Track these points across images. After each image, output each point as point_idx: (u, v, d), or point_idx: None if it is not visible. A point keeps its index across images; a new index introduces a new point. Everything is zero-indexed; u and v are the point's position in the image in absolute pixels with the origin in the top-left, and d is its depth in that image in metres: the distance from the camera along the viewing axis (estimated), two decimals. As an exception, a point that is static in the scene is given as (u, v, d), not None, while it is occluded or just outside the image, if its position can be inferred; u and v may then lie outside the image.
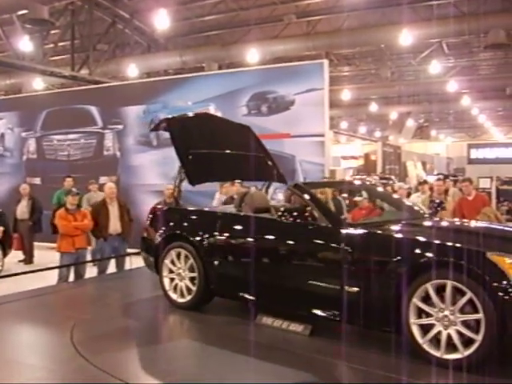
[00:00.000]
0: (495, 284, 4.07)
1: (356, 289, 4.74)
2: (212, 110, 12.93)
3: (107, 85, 17.06)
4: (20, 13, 16.31)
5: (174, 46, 21.15)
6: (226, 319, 5.95)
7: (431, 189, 10.16)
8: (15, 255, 12.61)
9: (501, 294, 4.04)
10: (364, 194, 9.01)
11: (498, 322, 4.01)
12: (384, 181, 24.08)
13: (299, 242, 5.37)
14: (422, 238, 4.74)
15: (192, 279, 6.14)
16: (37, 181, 15.51)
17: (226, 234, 6.04)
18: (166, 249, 6.40)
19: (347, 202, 10.51)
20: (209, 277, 5.99)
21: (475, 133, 47.81)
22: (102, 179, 13.41)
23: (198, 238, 6.10)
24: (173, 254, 6.33)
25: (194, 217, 6.64)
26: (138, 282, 8.83)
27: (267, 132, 12.11)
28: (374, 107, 29.41)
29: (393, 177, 29.17)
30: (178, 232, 6.41)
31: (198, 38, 21.28)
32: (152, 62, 20.41)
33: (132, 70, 19.72)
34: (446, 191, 10.02)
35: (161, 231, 6.62)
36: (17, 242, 12.78)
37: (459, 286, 4.20)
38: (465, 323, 4.20)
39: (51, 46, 19.61)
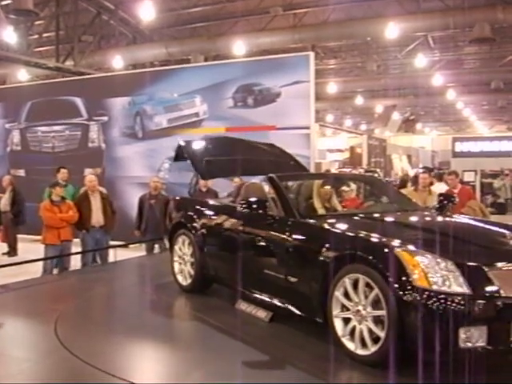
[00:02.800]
0: (397, 281, 3.97)
1: (295, 279, 4.89)
2: (198, 101, 12.91)
3: (92, 76, 16.97)
4: (4, 3, 16.19)
5: (160, 38, 21.06)
6: (212, 303, 6.29)
7: (416, 182, 10.17)
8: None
9: (400, 291, 3.94)
10: (352, 185, 9.08)
11: (399, 320, 3.92)
12: (369, 173, 24.13)
13: (262, 232, 5.53)
14: (349, 232, 4.76)
15: (192, 264, 6.61)
16: (21, 173, 15.37)
17: (212, 224, 6.47)
18: (175, 235, 6.98)
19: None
20: (202, 262, 6.41)
21: (460, 126, 48.08)
22: (87, 171, 13.32)
23: (194, 226, 6.60)
24: (180, 240, 6.88)
25: (196, 206, 6.99)
26: (123, 274, 8.83)
27: (253, 124, 12.15)
28: (359, 100, 29.46)
29: (378, 170, 29.29)
30: (182, 220, 6.90)
31: (183, 30, 21.22)
32: (137, 53, 20.30)
33: (117, 61, 19.60)
34: (431, 184, 10.06)
35: (172, 219, 7.20)
36: (1, 234, 12.72)
37: (369, 281, 4.17)
38: (377, 319, 4.14)
39: (36, 36, 19.46)
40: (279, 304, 5.21)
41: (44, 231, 9.21)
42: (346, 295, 4.37)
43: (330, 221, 5.19)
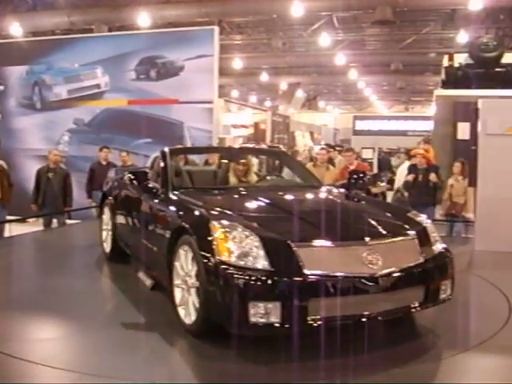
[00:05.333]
0: (206, 252, 4.04)
1: (156, 248, 5.12)
2: (99, 73, 12.64)
3: (-13, 42, 16.20)
4: None
5: (62, 6, 20.29)
6: (121, 271, 6.59)
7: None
8: None
9: (207, 263, 4.01)
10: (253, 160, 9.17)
11: (207, 291, 4.01)
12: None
13: (144, 203, 5.72)
14: (188, 204, 4.87)
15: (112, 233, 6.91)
16: None
17: (120, 195, 6.77)
18: (103, 205, 7.33)
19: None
20: (114, 231, 6.77)
21: (361, 106, 49.35)
22: (-19, 142, 12.80)
23: (110, 196, 7.04)
24: (105, 210, 7.23)
25: (114, 178, 7.33)
26: (19, 249, 8.58)
27: (156, 97, 12.06)
28: (264, 77, 29.63)
29: (281, 146, 29.66)
30: (105, 191, 7.35)
31: (87, -2, 20.54)
32: (37, 21, 19.49)
33: (15, 28, 18.76)
34: (330, 160, 10.43)
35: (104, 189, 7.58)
36: None
37: (192, 252, 4.26)
38: (198, 290, 4.18)
39: None
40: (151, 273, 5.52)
41: None
42: (182, 266, 4.48)
43: (188, 194, 5.29)
